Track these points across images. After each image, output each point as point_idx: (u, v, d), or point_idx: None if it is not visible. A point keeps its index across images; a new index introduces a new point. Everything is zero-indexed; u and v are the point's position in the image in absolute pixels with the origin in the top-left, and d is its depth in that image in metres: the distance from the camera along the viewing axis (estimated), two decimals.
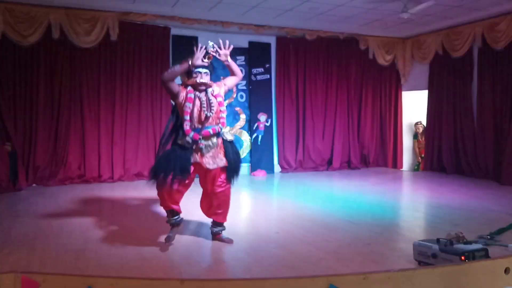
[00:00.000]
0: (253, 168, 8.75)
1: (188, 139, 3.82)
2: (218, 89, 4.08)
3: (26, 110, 7.08)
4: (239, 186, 7.76)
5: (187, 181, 3.91)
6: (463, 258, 3.08)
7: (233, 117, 8.74)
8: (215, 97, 3.98)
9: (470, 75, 8.14)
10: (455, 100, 8.44)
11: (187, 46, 8.06)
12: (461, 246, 3.23)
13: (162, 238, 4.05)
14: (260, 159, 8.82)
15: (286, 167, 9.09)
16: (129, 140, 7.76)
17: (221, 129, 3.96)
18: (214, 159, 3.91)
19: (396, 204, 6.21)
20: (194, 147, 3.87)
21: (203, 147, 3.87)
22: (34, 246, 3.92)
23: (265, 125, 8.90)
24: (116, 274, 3.15)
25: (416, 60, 9.39)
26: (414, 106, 9.63)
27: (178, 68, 3.98)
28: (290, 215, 5.27)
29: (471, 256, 3.13)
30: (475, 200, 6.01)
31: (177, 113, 4.05)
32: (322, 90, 9.31)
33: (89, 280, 1.80)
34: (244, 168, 8.82)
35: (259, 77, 8.81)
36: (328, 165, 9.39)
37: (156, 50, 7.94)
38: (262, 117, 8.88)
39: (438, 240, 3.33)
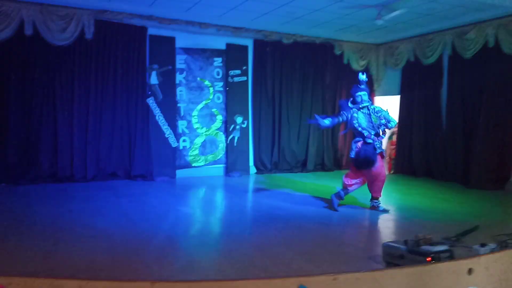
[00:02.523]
0: (228, 169, 8.77)
1: None
2: None
3: None
4: (215, 187, 7.82)
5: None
6: (429, 259, 3.19)
7: (210, 118, 8.74)
8: None
9: (440, 81, 8.41)
10: (426, 105, 8.70)
11: (164, 46, 8.13)
12: (427, 248, 3.34)
13: (133, 239, 4.03)
14: (236, 161, 8.85)
15: (261, 169, 9.16)
16: (104, 139, 7.66)
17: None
18: None
19: (367, 206, 6.34)
20: None
21: None
22: (3, 247, 3.84)
23: (241, 127, 8.94)
24: (86, 276, 3.12)
25: (389, 66, 9.62)
26: (389, 110, 9.84)
27: None
28: (264, 216, 5.33)
29: (437, 257, 3.23)
30: (443, 203, 6.22)
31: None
32: (298, 93, 9.43)
33: (57, 282, 1.77)
34: (220, 169, 8.85)
35: (236, 79, 8.85)
36: (302, 166, 9.51)
37: (132, 50, 7.85)
38: (239, 119, 8.92)
39: (406, 242, 3.44)
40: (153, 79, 8.08)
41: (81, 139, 7.50)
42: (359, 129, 5.60)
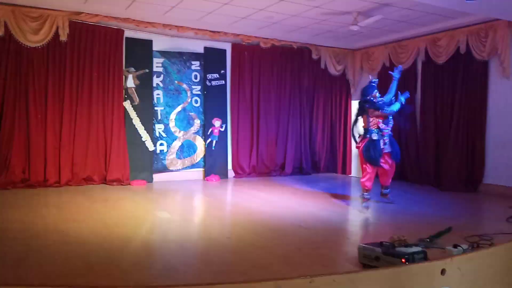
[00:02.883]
0: (206, 173, 8.74)
1: None
2: None
3: None
4: (193, 191, 7.77)
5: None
6: (403, 260, 3.25)
7: (187, 122, 8.69)
8: None
9: (414, 86, 8.60)
10: (401, 109, 8.84)
11: (141, 49, 8.05)
12: (402, 249, 3.41)
13: (109, 245, 3.96)
14: (214, 164, 8.82)
15: (239, 172, 9.15)
16: (78, 143, 7.51)
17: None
18: None
19: (344, 209, 6.43)
20: None
21: None
22: None
23: (219, 131, 8.92)
24: (60, 283, 3.04)
25: (365, 70, 9.79)
26: None
27: None
28: (242, 220, 5.33)
29: (411, 258, 3.31)
30: (417, 205, 6.35)
31: None
32: (276, 97, 9.49)
33: None
34: (198, 173, 8.80)
35: (214, 83, 8.84)
36: (281, 170, 9.56)
37: (108, 52, 7.75)
38: (217, 123, 8.90)
39: (381, 244, 3.50)
40: (130, 82, 7.99)
41: (55, 143, 7.33)
42: (373, 124, 6.05)
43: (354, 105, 10.21)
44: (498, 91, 7.25)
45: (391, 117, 6.13)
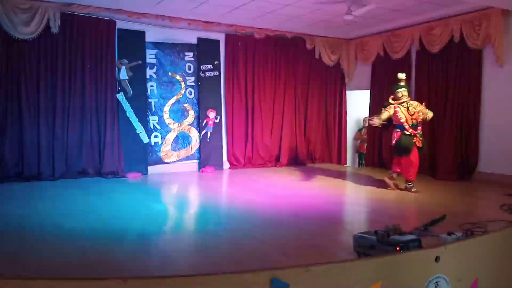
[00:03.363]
0: (202, 165, 8.73)
1: None
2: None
3: None
4: (188, 183, 7.76)
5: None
6: (398, 248, 3.27)
7: (182, 114, 8.66)
8: None
9: (409, 75, 8.59)
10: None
11: (134, 40, 7.98)
12: (396, 237, 3.43)
13: (104, 238, 3.96)
14: (209, 156, 8.81)
15: (235, 164, 9.15)
16: (72, 136, 7.46)
17: None
18: None
19: (340, 198, 6.46)
20: None
21: None
22: None
23: (214, 122, 8.90)
24: (56, 276, 3.04)
25: (359, 60, 9.77)
26: (362, 104, 10.04)
27: None
28: (239, 211, 5.34)
29: (406, 246, 3.32)
30: (412, 194, 6.38)
31: None
32: (271, 87, 9.46)
33: (25, 282, 1.70)
34: (193, 164, 8.79)
35: (208, 74, 8.79)
36: (276, 161, 9.57)
37: (101, 44, 7.67)
38: (211, 114, 8.87)
39: (376, 232, 3.52)
40: (123, 74, 7.92)
41: (48, 136, 7.28)
42: (401, 121, 6.34)
43: (349, 95, 10.24)
44: (492, 79, 7.26)
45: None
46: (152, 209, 5.61)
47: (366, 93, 9.62)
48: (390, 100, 6.56)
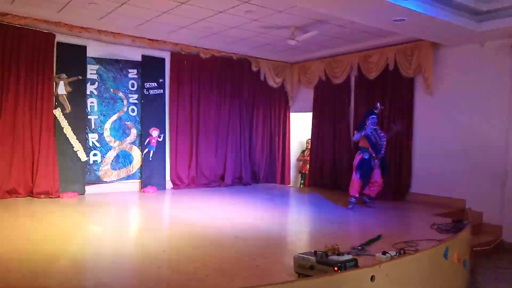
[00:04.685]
0: (143, 184, 8.48)
1: None
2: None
3: None
4: (128, 203, 7.50)
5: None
6: (336, 268, 3.36)
7: (123, 131, 8.41)
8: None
9: (348, 99, 9.01)
10: (335, 122, 9.24)
11: (74, 54, 7.69)
12: (334, 258, 3.53)
13: (34, 264, 3.70)
14: (151, 175, 8.59)
15: (178, 183, 8.99)
16: (1, 153, 6.97)
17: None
18: None
19: (282, 219, 6.53)
20: None
21: None
22: None
23: (157, 140, 8.72)
24: None
25: (302, 83, 10.09)
26: (305, 126, 10.32)
27: None
28: (179, 233, 5.23)
29: (343, 266, 3.42)
30: (351, 214, 6.61)
31: None
32: (216, 107, 9.47)
33: None
34: (135, 184, 8.52)
35: (152, 92, 8.65)
36: (220, 181, 9.52)
37: (37, 57, 7.31)
38: (154, 132, 8.69)
39: (315, 253, 3.59)
40: (61, 89, 7.58)
41: None
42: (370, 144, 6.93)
43: (293, 117, 10.50)
44: (423, 106, 7.79)
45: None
46: (88, 232, 5.34)
47: (309, 116, 9.92)
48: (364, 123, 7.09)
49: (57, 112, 7.56)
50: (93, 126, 8.07)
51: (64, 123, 7.60)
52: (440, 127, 7.50)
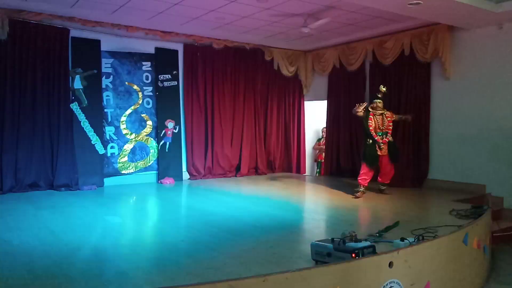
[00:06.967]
0: (160, 176, 8.58)
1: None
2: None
3: None
4: (146, 194, 7.60)
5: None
6: (353, 255, 3.35)
7: (139, 124, 8.50)
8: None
9: (363, 86, 8.90)
10: (350, 109, 9.11)
11: (88, 49, 7.77)
12: (352, 244, 3.51)
13: (56, 253, 3.79)
14: (168, 167, 8.68)
15: (195, 174, 9.06)
16: (22, 148, 7.13)
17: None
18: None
19: (299, 207, 6.53)
20: None
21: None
22: None
23: (173, 132, 8.79)
24: None
25: (316, 72, 10.00)
26: (320, 114, 10.25)
27: None
28: (197, 222, 5.28)
29: (361, 253, 3.41)
30: (368, 202, 6.57)
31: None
32: (230, 98, 9.48)
33: None
34: (152, 176, 8.62)
35: (166, 84, 8.70)
36: (236, 171, 9.57)
37: (53, 52, 7.42)
38: (170, 124, 8.76)
39: (332, 240, 3.59)
40: (77, 84, 7.69)
41: None
42: (370, 128, 6.82)
43: (307, 105, 10.44)
44: (440, 91, 7.65)
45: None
46: (107, 223, 5.44)
47: (324, 104, 9.85)
48: (369, 108, 6.98)
49: (74, 106, 7.67)
50: (109, 119, 8.17)
51: (81, 116, 7.72)
52: (458, 111, 7.36)
